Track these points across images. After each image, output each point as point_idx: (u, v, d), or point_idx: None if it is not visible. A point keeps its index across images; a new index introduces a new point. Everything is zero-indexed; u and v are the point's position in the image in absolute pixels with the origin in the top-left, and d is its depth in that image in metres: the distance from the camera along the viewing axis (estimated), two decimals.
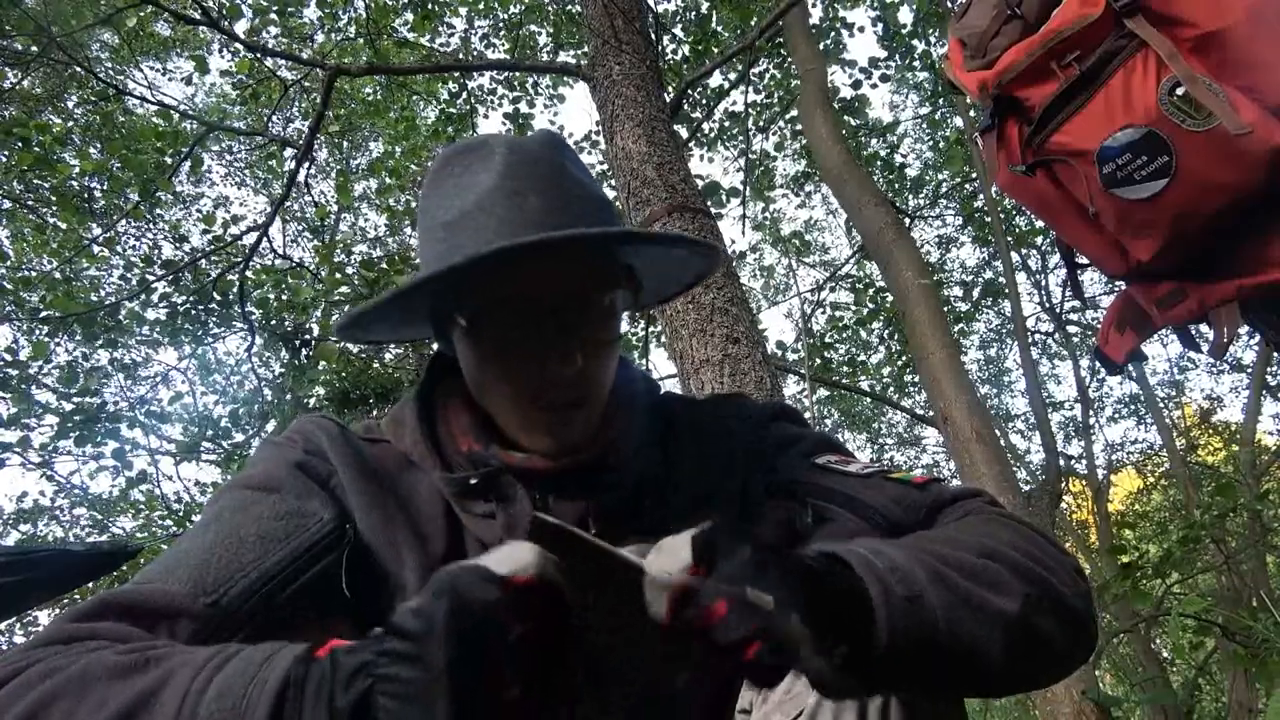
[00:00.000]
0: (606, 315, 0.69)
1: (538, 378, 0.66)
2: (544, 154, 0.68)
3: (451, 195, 0.68)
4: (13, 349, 4.72)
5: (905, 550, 0.53)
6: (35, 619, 5.92)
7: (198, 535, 0.65)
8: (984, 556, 0.56)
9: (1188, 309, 1.17)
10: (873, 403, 9.05)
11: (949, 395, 3.20)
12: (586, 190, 0.69)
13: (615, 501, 0.72)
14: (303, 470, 0.71)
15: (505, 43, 5.81)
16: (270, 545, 0.63)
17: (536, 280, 0.65)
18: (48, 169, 4.65)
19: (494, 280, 0.65)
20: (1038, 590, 0.55)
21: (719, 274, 2.19)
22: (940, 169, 7.40)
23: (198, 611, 0.58)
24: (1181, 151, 1.01)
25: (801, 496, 0.72)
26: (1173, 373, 9.12)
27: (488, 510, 0.71)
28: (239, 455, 5.60)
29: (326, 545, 0.67)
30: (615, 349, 0.71)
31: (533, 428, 0.69)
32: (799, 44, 4.47)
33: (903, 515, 0.68)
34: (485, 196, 0.65)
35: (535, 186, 0.65)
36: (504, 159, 0.67)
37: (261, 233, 4.04)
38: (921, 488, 0.71)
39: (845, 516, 0.70)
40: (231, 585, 0.60)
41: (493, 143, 0.69)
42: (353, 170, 7.94)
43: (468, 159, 0.69)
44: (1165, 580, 3.91)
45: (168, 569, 0.61)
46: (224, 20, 3.77)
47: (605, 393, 0.71)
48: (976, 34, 1.22)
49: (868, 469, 0.73)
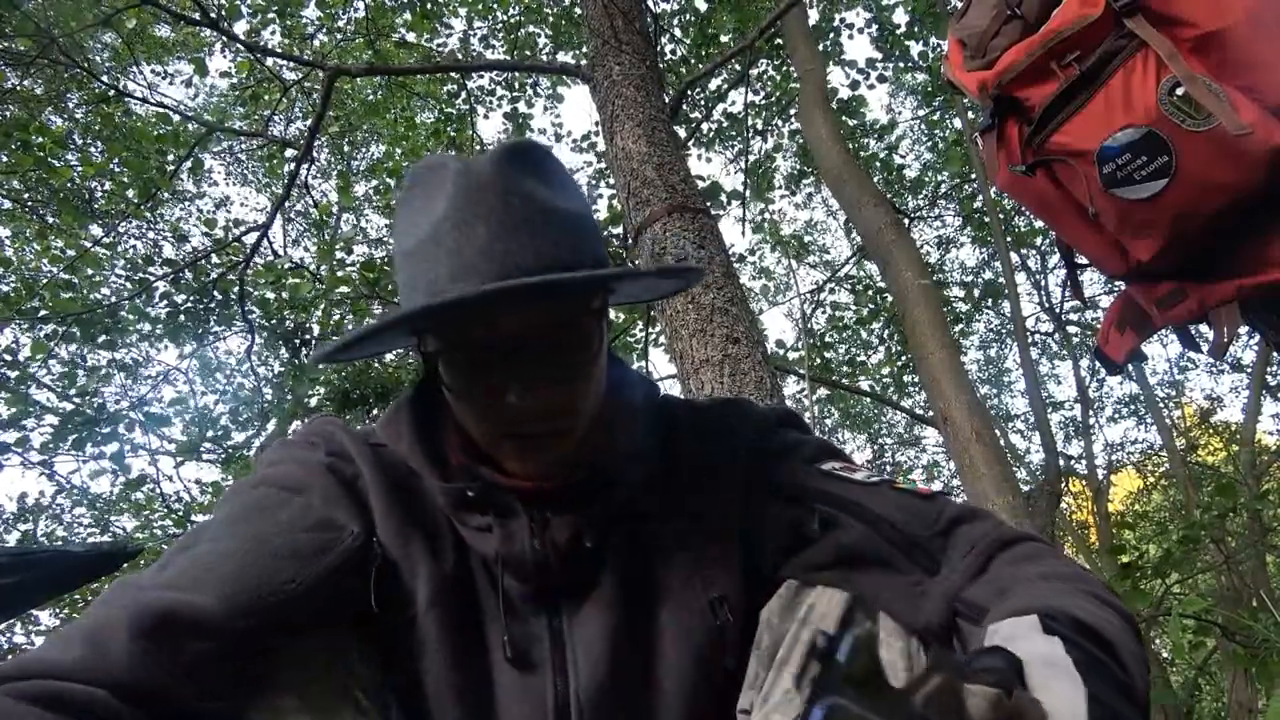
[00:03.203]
0: (574, 340, 0.65)
1: (502, 411, 0.64)
2: (494, 176, 0.63)
3: (411, 221, 0.65)
4: (13, 349, 4.72)
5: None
6: (35, 619, 5.93)
7: (224, 536, 0.64)
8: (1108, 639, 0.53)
9: (1188, 309, 1.17)
10: (873, 403, 9.05)
11: (949, 395, 3.20)
12: (545, 208, 0.63)
13: (612, 512, 0.71)
14: (330, 472, 0.70)
15: (504, 44, 5.82)
16: (301, 562, 0.63)
17: (481, 324, 0.62)
18: (48, 171, 4.66)
19: (439, 326, 0.64)
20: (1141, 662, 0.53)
21: (719, 274, 2.19)
22: (940, 170, 7.40)
23: (230, 630, 0.57)
24: (1181, 151, 1.01)
25: (808, 503, 0.72)
26: (1173, 373, 9.13)
27: (484, 524, 0.70)
28: (239, 455, 5.60)
29: (356, 563, 0.66)
30: (592, 369, 0.67)
31: (506, 456, 0.68)
32: (798, 44, 4.48)
33: (910, 524, 0.68)
34: (436, 226, 0.62)
35: (483, 214, 0.61)
36: (454, 184, 0.63)
37: (262, 233, 4.04)
38: (928, 499, 0.70)
39: (852, 524, 0.69)
40: (262, 604, 0.59)
41: (448, 165, 0.65)
42: (353, 171, 7.94)
43: (428, 180, 0.65)
44: (1165, 580, 3.92)
45: (196, 577, 0.59)
46: (223, 21, 3.77)
47: (585, 414, 0.68)
48: (976, 34, 1.22)
49: (872, 477, 0.72)
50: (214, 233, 5.14)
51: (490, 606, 0.70)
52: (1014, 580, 0.61)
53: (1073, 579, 0.59)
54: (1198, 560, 4.44)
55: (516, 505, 0.69)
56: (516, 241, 0.61)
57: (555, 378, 0.64)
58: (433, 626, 0.67)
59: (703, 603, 0.71)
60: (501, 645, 0.68)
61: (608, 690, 0.68)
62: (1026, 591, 0.58)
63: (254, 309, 4.85)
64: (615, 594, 0.70)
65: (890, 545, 0.67)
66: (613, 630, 0.69)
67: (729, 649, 0.70)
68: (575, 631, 0.70)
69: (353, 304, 4.91)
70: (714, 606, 0.71)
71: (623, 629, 0.70)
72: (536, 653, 0.69)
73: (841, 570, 0.68)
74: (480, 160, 0.64)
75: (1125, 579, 2.86)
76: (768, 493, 0.74)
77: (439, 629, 0.67)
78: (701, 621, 0.70)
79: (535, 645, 0.70)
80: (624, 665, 0.69)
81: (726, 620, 0.70)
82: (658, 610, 0.71)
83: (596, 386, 0.69)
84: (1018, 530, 0.68)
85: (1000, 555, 0.65)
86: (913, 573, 0.66)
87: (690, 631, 0.70)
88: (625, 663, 0.69)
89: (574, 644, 0.69)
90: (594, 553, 0.70)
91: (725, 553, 0.73)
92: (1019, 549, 0.65)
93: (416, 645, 0.67)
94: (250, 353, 4.84)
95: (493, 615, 0.70)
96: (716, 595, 0.71)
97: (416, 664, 0.68)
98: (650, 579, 0.72)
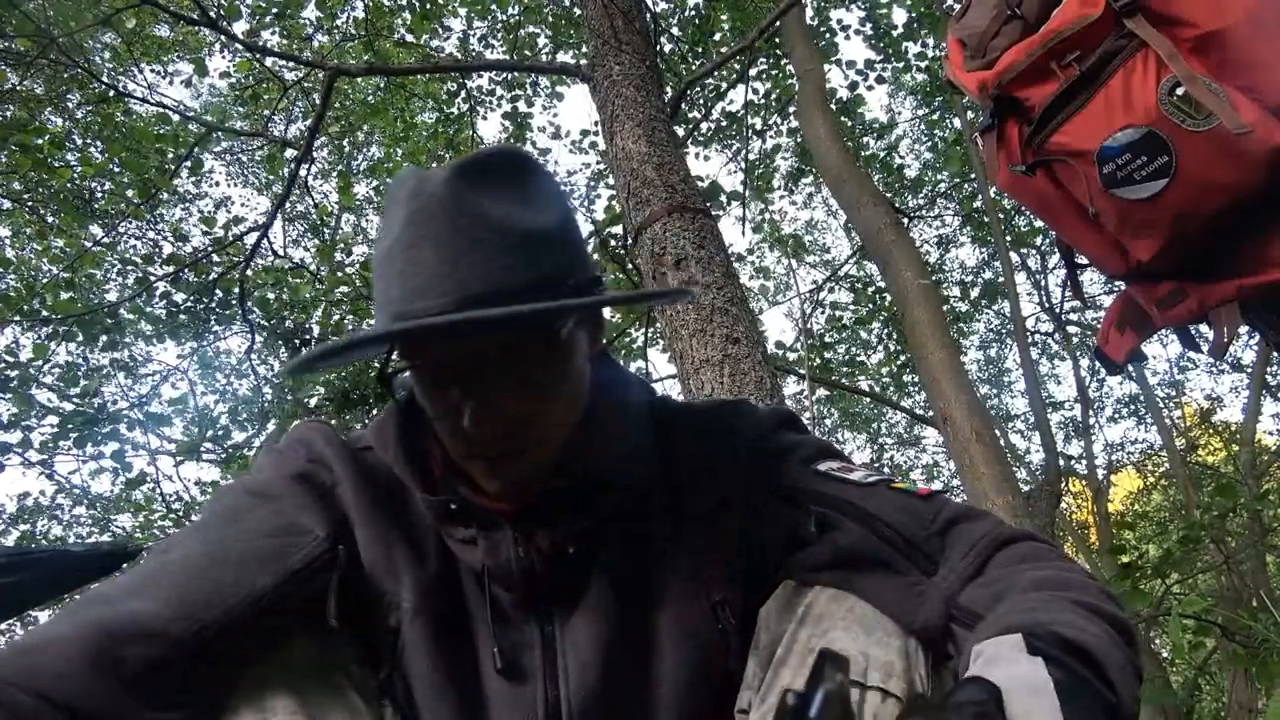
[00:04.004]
0: (531, 363, 0.63)
1: (461, 432, 0.63)
2: (444, 193, 0.60)
3: (379, 237, 0.65)
4: (13, 349, 4.72)
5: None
6: (35, 619, 5.92)
7: (187, 543, 0.64)
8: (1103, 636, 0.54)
9: (1188, 309, 1.17)
10: (872, 403, 9.04)
11: (949, 395, 3.20)
12: (498, 228, 0.61)
13: (604, 516, 0.71)
14: (304, 480, 0.70)
15: (503, 44, 5.81)
16: (257, 566, 0.62)
17: (431, 351, 0.62)
18: (48, 171, 4.66)
19: (397, 349, 0.64)
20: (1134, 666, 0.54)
21: (719, 274, 2.19)
22: (939, 169, 7.40)
23: (176, 636, 0.56)
24: (1181, 151, 1.01)
25: (804, 504, 0.71)
26: (1173, 373, 9.12)
27: (469, 536, 0.69)
28: (239, 455, 5.60)
29: (319, 566, 0.65)
30: (560, 386, 0.66)
31: (474, 473, 0.67)
32: (797, 44, 4.48)
33: (907, 524, 0.68)
34: (392, 245, 0.61)
35: (431, 234, 0.59)
36: (406, 202, 0.61)
37: (262, 233, 4.04)
38: (925, 499, 0.70)
39: (849, 525, 0.69)
40: (210, 609, 0.58)
41: (407, 181, 0.63)
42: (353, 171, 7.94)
43: (394, 196, 0.64)
44: (1165, 580, 3.92)
45: (149, 584, 0.59)
46: (223, 21, 3.77)
47: (552, 431, 0.66)
48: (976, 34, 1.22)
49: (870, 477, 0.72)
50: (214, 232, 5.14)
51: (480, 614, 0.70)
52: (1009, 586, 0.60)
53: (1066, 586, 0.59)
54: (1198, 560, 4.44)
55: (499, 517, 0.69)
56: (465, 266, 0.59)
57: (515, 399, 0.62)
58: (419, 634, 0.67)
59: (704, 606, 0.70)
60: (491, 653, 0.68)
61: (599, 696, 0.68)
62: (1016, 603, 0.58)
63: (254, 309, 4.85)
64: (610, 598, 0.70)
65: (888, 546, 0.67)
66: (606, 635, 0.69)
67: (731, 651, 0.70)
68: (567, 637, 0.69)
69: (353, 304, 4.91)
70: (716, 610, 0.70)
71: (617, 633, 0.69)
72: (527, 660, 0.69)
73: (840, 571, 0.67)
74: (434, 176, 0.62)
75: (1125, 579, 2.85)
76: (767, 493, 0.74)
77: (425, 637, 0.67)
78: (704, 624, 0.70)
79: (526, 653, 0.69)
80: (617, 670, 0.69)
81: (729, 623, 0.70)
82: (656, 613, 0.71)
83: (569, 401, 0.68)
84: (1016, 530, 0.68)
85: (997, 556, 0.65)
86: (910, 573, 0.66)
87: (692, 634, 0.70)
88: (619, 667, 0.69)
89: (565, 650, 0.69)
90: (585, 558, 0.70)
91: (726, 555, 0.72)
92: (1016, 549, 0.65)
93: (404, 652, 0.67)
94: (250, 353, 4.85)
95: (482, 623, 0.70)
96: (718, 599, 0.71)
97: (406, 670, 0.68)
98: (648, 582, 0.72)
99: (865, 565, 0.67)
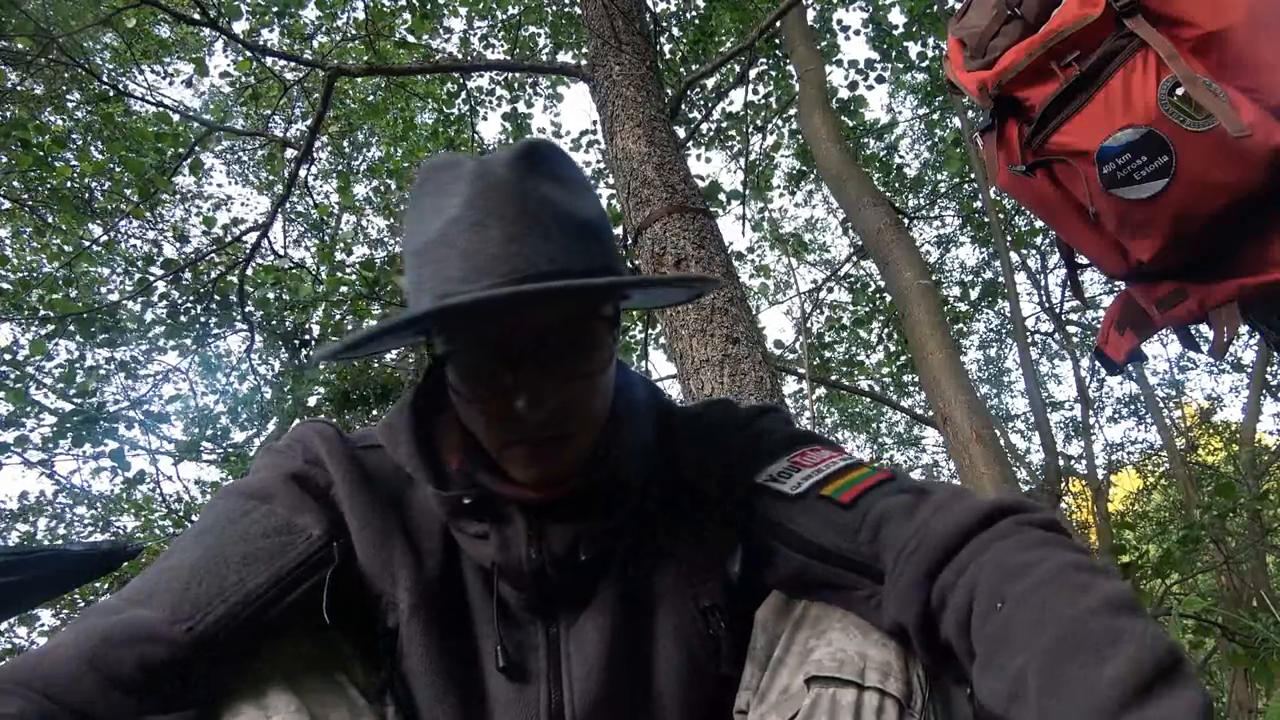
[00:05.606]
0: (584, 346, 0.64)
1: (509, 417, 0.63)
2: (510, 176, 0.62)
3: (422, 220, 0.64)
4: (12, 349, 4.72)
5: None
6: (36, 618, 5.93)
7: (186, 548, 0.65)
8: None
9: (1188, 309, 1.17)
10: (872, 403, 9.04)
11: (949, 395, 3.20)
12: (560, 212, 0.62)
13: (615, 522, 0.70)
14: (300, 480, 0.70)
15: (504, 44, 5.81)
16: (254, 567, 0.63)
17: (494, 327, 0.61)
18: (48, 170, 4.66)
19: (451, 328, 0.63)
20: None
21: (719, 274, 2.19)
22: (939, 169, 7.40)
23: (174, 638, 0.58)
24: (1181, 151, 1.01)
25: (753, 528, 0.71)
26: (1173, 373, 9.12)
27: (481, 531, 0.69)
28: (239, 455, 5.60)
29: (314, 564, 0.66)
30: (600, 377, 0.66)
31: (512, 461, 0.66)
32: (797, 44, 4.48)
33: (836, 541, 0.65)
34: (449, 226, 0.61)
35: (498, 214, 0.60)
36: (469, 183, 0.61)
37: (262, 233, 4.04)
38: (848, 508, 0.66)
39: (789, 554, 0.68)
40: (210, 611, 0.60)
41: (463, 164, 0.64)
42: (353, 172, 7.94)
43: (440, 179, 0.64)
44: (1165, 580, 3.91)
45: (149, 590, 0.61)
46: (223, 20, 3.77)
47: (594, 421, 0.67)
48: (976, 34, 1.22)
49: (805, 482, 0.69)
50: (214, 232, 5.14)
51: (484, 613, 0.70)
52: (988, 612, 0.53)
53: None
54: (1198, 560, 4.44)
55: (514, 513, 0.69)
56: (531, 245, 0.60)
57: (565, 384, 0.63)
58: (417, 634, 0.67)
59: (695, 611, 0.71)
60: (494, 654, 0.68)
61: (602, 700, 0.68)
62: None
63: (254, 309, 4.85)
64: (614, 602, 0.70)
65: (828, 566, 0.66)
66: (610, 639, 0.69)
67: (724, 654, 0.70)
68: (572, 640, 0.69)
69: (353, 304, 4.91)
70: (706, 615, 0.70)
71: (620, 637, 0.69)
72: (531, 662, 0.69)
73: (798, 591, 0.69)
74: (496, 160, 0.63)
75: (1125, 579, 2.86)
76: (735, 508, 0.74)
77: (424, 636, 0.67)
78: (694, 627, 0.70)
79: (530, 654, 0.69)
80: (620, 674, 0.69)
81: (719, 628, 0.70)
82: (654, 619, 0.71)
83: (605, 393, 0.68)
84: (946, 525, 0.60)
85: (940, 575, 0.58)
86: (861, 585, 0.65)
87: (685, 638, 0.70)
88: (622, 671, 0.69)
89: (570, 654, 0.69)
90: (593, 562, 0.70)
91: (719, 559, 0.73)
92: (956, 561, 0.58)
93: (403, 652, 0.67)
94: (250, 353, 4.84)
95: (486, 621, 0.69)
96: (708, 604, 0.71)
97: (405, 670, 0.68)
98: (648, 586, 0.72)
99: (817, 587, 0.68)
